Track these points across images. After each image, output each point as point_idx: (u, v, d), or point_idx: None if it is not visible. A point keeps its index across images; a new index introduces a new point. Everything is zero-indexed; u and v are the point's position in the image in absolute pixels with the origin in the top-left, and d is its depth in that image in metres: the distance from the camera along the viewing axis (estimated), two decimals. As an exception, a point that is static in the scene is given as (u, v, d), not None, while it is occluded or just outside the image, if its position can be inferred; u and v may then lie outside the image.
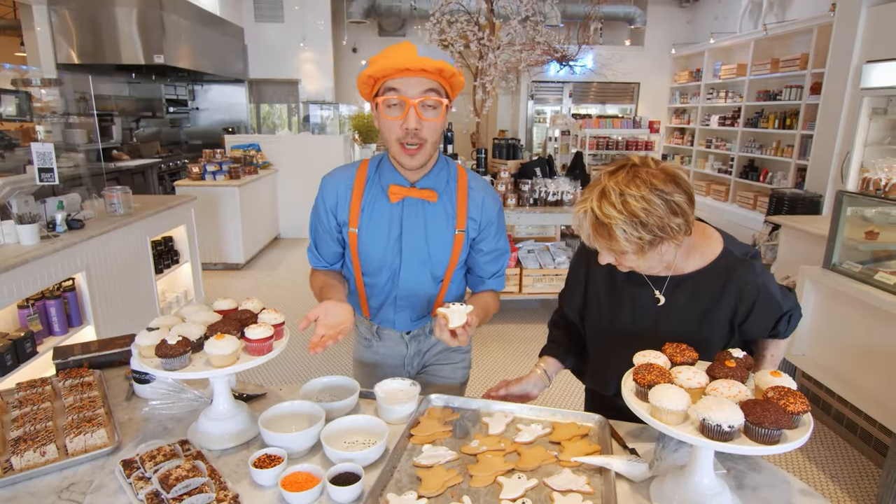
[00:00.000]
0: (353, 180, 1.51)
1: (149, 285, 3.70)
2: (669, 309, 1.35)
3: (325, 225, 1.55)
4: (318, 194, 1.55)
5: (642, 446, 1.30)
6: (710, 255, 1.33)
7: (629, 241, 1.15)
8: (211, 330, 1.25)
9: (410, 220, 1.49)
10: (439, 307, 1.31)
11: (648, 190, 1.14)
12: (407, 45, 1.32)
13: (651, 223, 1.14)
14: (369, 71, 1.33)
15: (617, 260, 1.25)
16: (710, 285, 1.32)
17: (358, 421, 1.31)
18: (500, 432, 1.34)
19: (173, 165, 7.39)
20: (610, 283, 1.44)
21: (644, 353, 1.16)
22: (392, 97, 1.32)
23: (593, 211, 1.17)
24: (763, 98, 7.99)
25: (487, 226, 1.54)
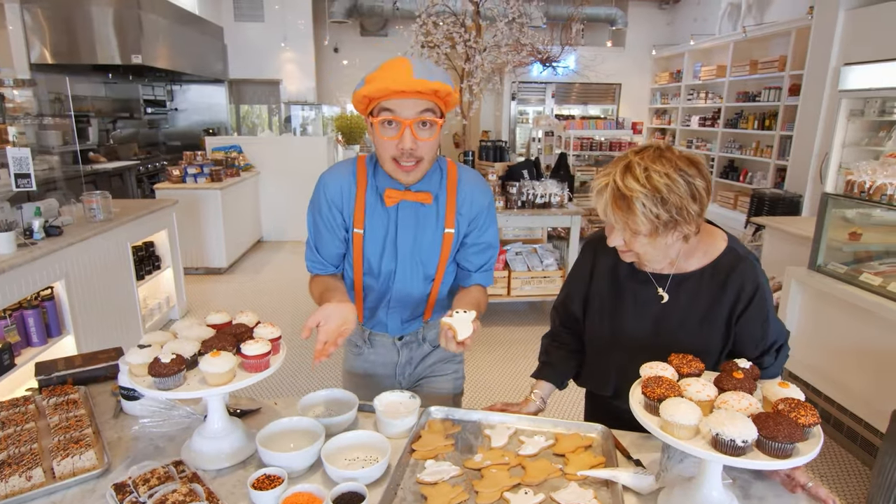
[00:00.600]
0: (355, 178, 1.48)
1: (130, 292, 3.61)
2: (672, 307, 1.36)
3: (330, 222, 1.51)
4: (318, 192, 1.51)
5: (646, 456, 1.29)
6: (714, 252, 1.34)
7: (646, 218, 1.16)
8: (205, 346, 1.20)
9: (404, 223, 1.49)
10: (444, 318, 1.28)
11: (673, 169, 1.16)
12: (403, 63, 1.29)
13: (671, 201, 1.15)
14: (364, 91, 1.30)
15: (627, 242, 1.25)
16: (713, 283, 1.32)
17: (358, 437, 1.28)
18: (503, 445, 1.32)
19: (152, 167, 7.24)
20: (613, 280, 1.44)
21: (650, 364, 1.15)
22: (387, 117, 1.31)
23: (615, 183, 1.18)
24: (742, 99, 8.11)
25: (475, 218, 1.53)
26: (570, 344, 1.59)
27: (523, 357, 3.89)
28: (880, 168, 2.72)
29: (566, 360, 1.57)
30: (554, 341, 1.62)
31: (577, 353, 1.58)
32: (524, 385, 3.47)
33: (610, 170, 1.23)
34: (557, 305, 1.65)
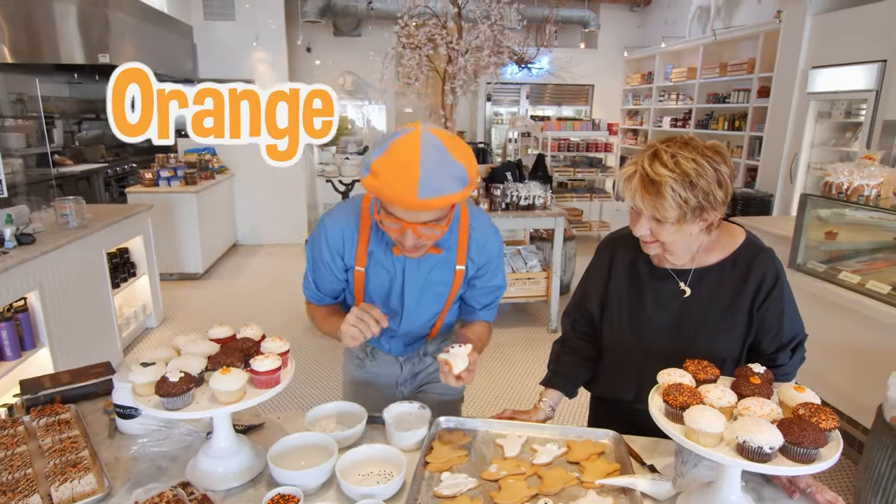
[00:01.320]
0: (357, 223, 1.42)
1: (105, 301, 3.48)
2: (694, 301, 1.37)
3: (329, 266, 1.46)
4: (318, 235, 1.45)
5: (658, 461, 1.30)
6: (733, 245, 1.37)
7: (675, 203, 1.18)
8: (213, 363, 1.16)
9: (412, 270, 1.45)
10: (440, 354, 1.29)
11: (699, 155, 1.19)
12: (410, 176, 1.11)
13: (700, 186, 1.18)
14: (368, 185, 1.19)
15: (653, 231, 1.27)
16: (734, 274, 1.35)
17: (371, 451, 1.25)
18: (517, 454, 1.31)
19: (120, 170, 7.02)
20: (632, 278, 1.45)
21: (668, 371, 1.15)
22: (389, 218, 1.23)
23: (644, 169, 1.20)
24: (713, 101, 8.30)
25: (485, 265, 1.50)
26: (583, 351, 1.58)
27: (509, 360, 3.90)
28: (856, 170, 2.81)
29: (577, 367, 1.57)
30: (565, 348, 1.61)
31: (589, 361, 1.57)
32: (511, 388, 3.47)
33: (636, 158, 1.25)
34: (570, 309, 1.64)
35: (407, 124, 1.26)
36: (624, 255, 1.48)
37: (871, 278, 2.70)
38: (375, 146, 1.20)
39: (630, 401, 1.49)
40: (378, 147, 1.18)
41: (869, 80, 4.95)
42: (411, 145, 1.14)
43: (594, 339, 1.58)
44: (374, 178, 1.16)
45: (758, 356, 1.37)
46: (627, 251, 1.47)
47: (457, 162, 1.17)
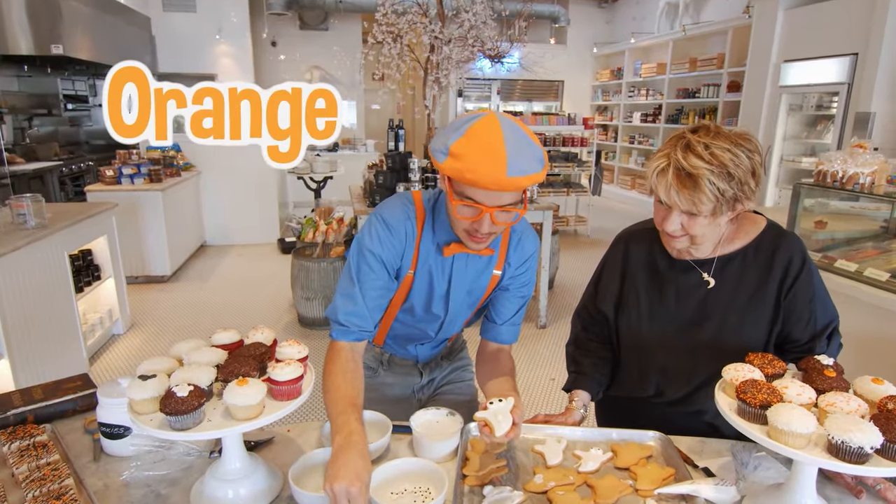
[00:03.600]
0: (415, 223, 1.29)
1: (69, 307, 3.22)
2: (718, 291, 1.31)
3: (387, 272, 1.27)
4: (381, 232, 1.26)
5: (710, 463, 1.21)
6: (754, 231, 1.32)
7: (712, 195, 1.13)
8: (224, 373, 1.01)
9: (459, 273, 1.34)
10: (477, 412, 1.14)
11: (732, 144, 1.14)
12: (499, 155, 1.05)
13: (737, 176, 1.13)
14: (447, 169, 1.09)
15: (685, 225, 1.21)
16: (758, 260, 1.29)
17: (403, 466, 1.12)
18: (560, 462, 1.20)
19: (76, 168, 6.62)
20: (652, 273, 1.39)
21: (735, 366, 1.06)
22: (468, 203, 1.13)
23: (679, 162, 1.14)
24: (682, 96, 8.41)
25: (522, 264, 1.39)
26: (598, 351, 1.50)
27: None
28: (850, 158, 2.80)
29: (599, 368, 1.48)
30: (580, 349, 1.53)
31: (607, 362, 1.49)
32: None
33: (666, 150, 1.20)
34: (580, 310, 1.57)
35: (476, 110, 1.19)
36: (640, 250, 1.42)
37: (867, 266, 2.70)
38: (449, 131, 1.13)
39: (650, 396, 1.41)
40: (454, 131, 1.11)
41: (841, 73, 5.05)
42: (492, 127, 1.09)
43: (608, 340, 1.50)
44: (455, 160, 1.08)
45: (791, 348, 1.30)
46: (643, 245, 1.42)
47: (535, 143, 1.13)
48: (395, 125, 4.19)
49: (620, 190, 10.12)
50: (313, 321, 4.11)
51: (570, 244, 6.71)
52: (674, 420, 1.38)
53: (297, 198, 8.08)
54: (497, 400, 1.14)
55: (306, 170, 6.35)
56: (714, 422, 1.35)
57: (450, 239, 1.29)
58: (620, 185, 10.24)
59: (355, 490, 0.92)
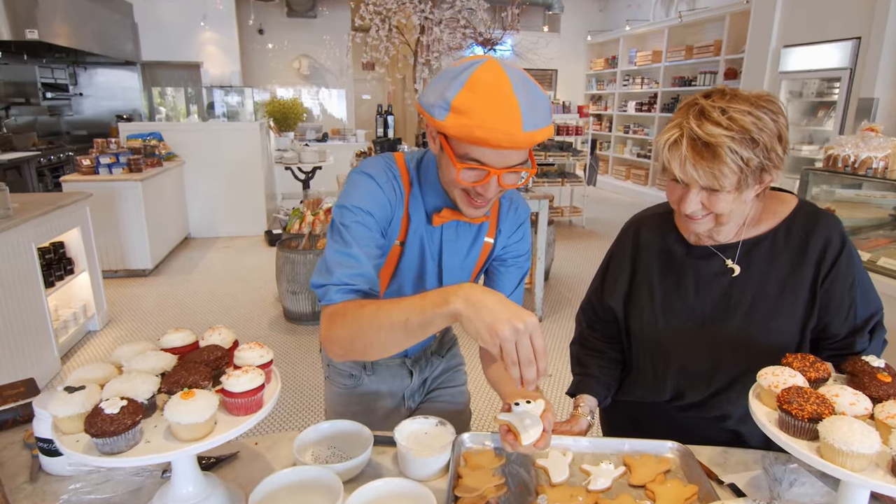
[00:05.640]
0: (402, 187, 1.12)
1: (38, 302, 3.04)
2: (744, 279, 1.16)
3: (376, 230, 1.07)
4: (368, 186, 1.08)
5: (737, 478, 1.06)
6: (784, 211, 1.16)
7: (735, 165, 0.99)
8: (168, 383, 0.84)
9: (450, 244, 1.18)
10: (500, 414, 0.96)
11: (752, 106, 1.01)
12: (512, 109, 0.90)
13: (761, 142, 0.99)
14: (450, 127, 0.92)
15: (706, 204, 1.06)
16: (791, 242, 1.14)
17: (383, 488, 0.96)
18: (566, 479, 1.05)
19: (55, 159, 6.40)
20: (667, 261, 1.23)
21: (772, 370, 0.91)
22: (473, 165, 0.97)
23: (693, 132, 1.00)
24: (678, 84, 8.26)
25: (515, 232, 1.25)
26: (607, 352, 1.35)
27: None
28: (861, 142, 2.66)
29: (607, 369, 1.33)
30: (585, 349, 1.38)
31: (616, 363, 1.35)
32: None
33: (677, 119, 1.05)
34: (584, 306, 1.42)
35: (466, 58, 1.00)
36: (652, 236, 1.27)
37: (880, 255, 2.57)
38: (444, 81, 0.95)
39: (665, 402, 1.27)
40: (451, 80, 0.94)
41: (843, 58, 4.91)
42: (497, 74, 0.92)
43: (616, 339, 1.36)
44: (461, 116, 0.91)
45: (828, 345, 1.15)
46: (655, 231, 1.27)
47: (541, 91, 0.98)
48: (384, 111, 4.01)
49: (615, 180, 9.98)
50: (300, 316, 3.94)
51: (564, 235, 6.57)
52: (690, 426, 1.24)
53: (286, 189, 7.88)
54: (524, 401, 0.96)
55: (294, 160, 6.16)
56: (738, 428, 1.21)
57: (440, 204, 1.12)
58: (615, 176, 10.10)
59: (521, 326, 0.80)
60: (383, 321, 0.90)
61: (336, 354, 0.97)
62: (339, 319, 0.95)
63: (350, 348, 0.94)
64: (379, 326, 0.90)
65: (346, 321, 0.94)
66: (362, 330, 0.92)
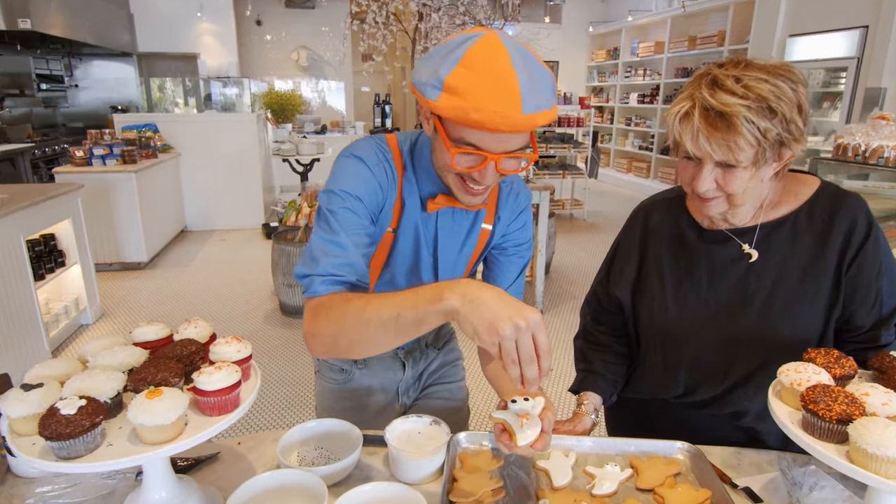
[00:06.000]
0: (394, 170, 1.05)
1: (27, 295, 2.97)
2: (762, 266, 1.08)
3: (366, 216, 1.00)
4: (357, 169, 1.00)
5: (752, 482, 0.99)
6: (806, 193, 1.09)
7: (752, 137, 0.92)
8: (134, 380, 0.77)
9: (445, 232, 1.11)
10: (495, 412, 0.88)
11: (769, 74, 0.94)
12: (511, 89, 0.82)
13: (780, 112, 0.92)
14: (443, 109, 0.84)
15: (721, 183, 0.99)
16: (813, 225, 1.06)
17: (372, 493, 0.89)
18: (569, 483, 0.98)
19: (50, 151, 6.32)
20: (678, 247, 1.16)
21: (794, 366, 0.84)
22: (469, 150, 0.89)
23: (706, 102, 0.93)
24: (681, 75, 8.16)
25: (516, 219, 1.17)
26: (612, 346, 1.28)
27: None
28: (873, 131, 2.58)
29: (613, 365, 1.26)
30: (590, 344, 1.31)
31: (623, 358, 1.28)
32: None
33: (688, 90, 0.98)
34: (589, 297, 1.35)
35: (465, 30, 0.91)
36: (663, 221, 1.20)
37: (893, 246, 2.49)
38: (438, 57, 0.87)
39: (676, 398, 1.20)
40: (446, 56, 0.86)
41: (850, 48, 4.81)
42: (496, 50, 0.84)
43: (623, 333, 1.28)
44: (455, 96, 0.83)
45: (852, 337, 1.08)
46: (665, 215, 1.20)
47: (545, 68, 0.89)
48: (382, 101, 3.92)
49: (617, 173, 9.89)
50: (296, 309, 3.87)
51: (565, 228, 6.49)
52: (701, 425, 1.17)
53: (284, 182, 7.80)
54: (522, 398, 0.88)
55: (292, 151, 6.07)
56: (755, 426, 1.13)
57: (434, 190, 1.05)
58: (617, 169, 10.01)
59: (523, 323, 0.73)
60: (371, 317, 0.82)
61: (319, 352, 0.90)
62: (324, 314, 0.87)
63: (334, 346, 0.87)
64: (366, 323, 0.83)
65: (330, 316, 0.86)
66: (348, 326, 0.84)
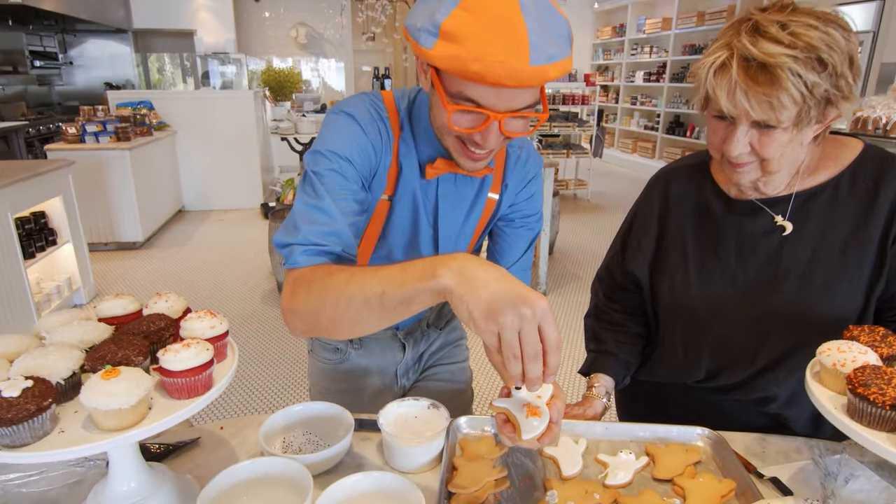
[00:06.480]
0: (390, 130, 0.94)
1: (17, 274, 2.89)
2: (798, 238, 0.99)
3: (354, 180, 0.89)
4: (342, 125, 0.91)
5: (779, 471, 0.91)
6: (847, 157, 0.99)
7: (798, 92, 0.81)
8: (92, 359, 0.68)
9: (447, 200, 1.01)
10: (496, 399, 0.78)
11: (820, 20, 0.83)
12: (519, 38, 0.71)
13: (831, 64, 0.82)
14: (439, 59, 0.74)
15: (756, 146, 0.89)
16: (857, 190, 0.96)
17: (362, 484, 0.80)
18: (580, 472, 0.89)
19: (45, 129, 6.21)
20: (702, 218, 1.07)
21: (837, 344, 0.75)
22: (470, 108, 0.78)
23: (745, 51, 0.82)
24: (689, 52, 7.97)
25: (525, 188, 1.07)
26: (626, 325, 1.19)
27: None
28: (894, 103, 2.46)
29: (627, 345, 1.17)
30: (602, 322, 1.22)
31: (638, 338, 1.19)
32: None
33: (725, 38, 0.87)
34: (601, 273, 1.25)
35: None
36: (684, 190, 1.10)
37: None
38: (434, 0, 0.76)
39: (696, 383, 1.11)
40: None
41: (866, 21, 4.65)
42: None
43: (638, 311, 1.19)
44: (452, 44, 0.72)
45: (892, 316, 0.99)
46: (687, 184, 1.10)
47: (558, 11, 0.78)
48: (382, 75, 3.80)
49: (621, 153, 9.73)
50: (294, 290, 3.79)
51: (569, 208, 6.38)
52: (722, 410, 1.09)
53: (283, 161, 7.67)
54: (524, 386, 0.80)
55: (290, 130, 5.95)
56: (782, 412, 1.04)
57: (434, 154, 0.95)
58: (621, 149, 9.85)
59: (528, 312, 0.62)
60: (354, 293, 0.72)
61: (299, 330, 0.81)
62: (304, 288, 0.78)
63: (314, 324, 0.78)
64: (349, 299, 0.73)
65: (310, 290, 0.77)
66: (328, 302, 0.74)
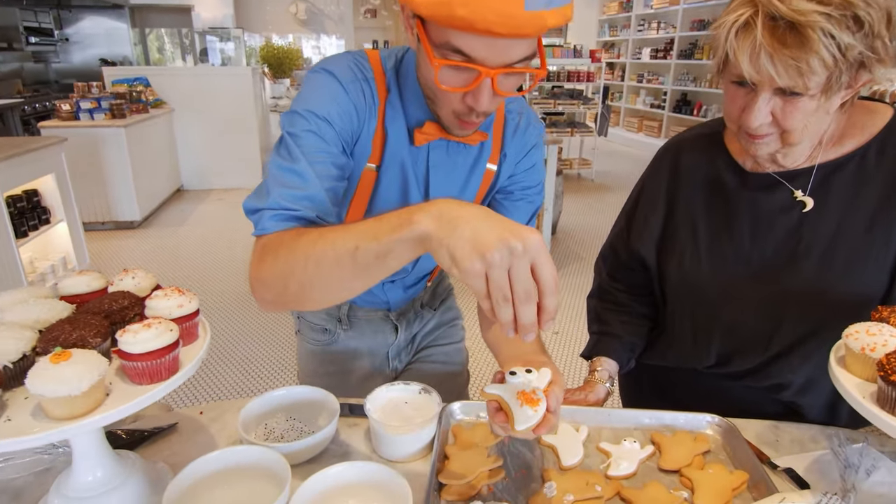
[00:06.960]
0: (375, 92, 0.86)
1: (9, 253, 2.84)
2: (818, 215, 0.91)
3: (335, 144, 0.81)
4: (322, 83, 0.83)
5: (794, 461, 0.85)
6: (877, 124, 0.90)
7: (829, 55, 0.73)
8: (45, 341, 0.62)
9: (439, 171, 0.93)
10: (488, 386, 0.71)
11: None
12: None
13: (868, 22, 0.73)
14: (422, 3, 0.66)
15: (778, 115, 0.81)
16: (886, 161, 0.88)
17: (346, 474, 0.75)
18: (580, 461, 0.84)
19: (41, 107, 6.13)
20: (714, 192, 0.99)
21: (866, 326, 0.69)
22: (459, 62, 0.70)
23: (773, 8, 0.73)
24: (697, 28, 7.78)
25: (525, 158, 0.99)
26: (631, 305, 1.13)
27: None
28: (913, 74, 2.35)
29: (631, 327, 1.11)
30: (605, 302, 1.15)
31: (641, 318, 1.12)
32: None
33: None
34: (605, 251, 1.18)
35: None
36: (695, 162, 1.02)
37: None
38: None
39: (706, 369, 1.04)
40: None
41: (882, -8, 4.49)
42: None
43: (644, 291, 1.12)
44: None
45: None
46: (699, 155, 1.02)
47: None
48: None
49: (627, 133, 9.59)
50: (293, 269, 3.74)
51: (573, 188, 6.28)
52: (731, 396, 1.02)
53: (283, 140, 7.58)
54: (523, 370, 0.72)
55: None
56: (796, 400, 0.98)
57: (422, 118, 0.87)
58: (627, 128, 9.70)
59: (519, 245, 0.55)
60: (325, 251, 0.65)
61: (266, 301, 0.73)
62: (271, 254, 0.70)
63: (283, 291, 0.71)
64: (318, 259, 0.66)
65: (278, 255, 0.69)
66: (296, 264, 0.67)
